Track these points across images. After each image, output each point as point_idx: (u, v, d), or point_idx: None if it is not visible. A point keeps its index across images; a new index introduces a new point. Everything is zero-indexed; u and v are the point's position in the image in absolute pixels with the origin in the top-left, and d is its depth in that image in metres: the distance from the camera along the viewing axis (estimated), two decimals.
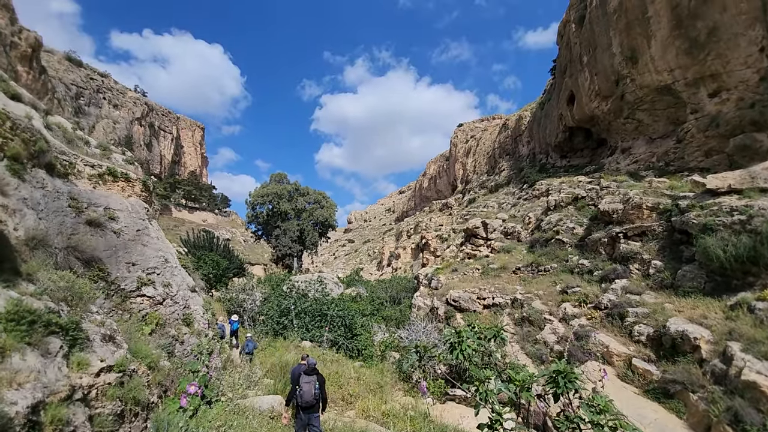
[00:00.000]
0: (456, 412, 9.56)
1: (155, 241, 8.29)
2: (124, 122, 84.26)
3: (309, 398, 4.97)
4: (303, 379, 5.12)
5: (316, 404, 5.10)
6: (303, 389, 4.99)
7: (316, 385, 5.12)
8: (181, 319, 7.40)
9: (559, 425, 2.97)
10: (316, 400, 5.07)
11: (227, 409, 5.16)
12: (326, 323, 15.77)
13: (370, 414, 7.63)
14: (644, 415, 8.57)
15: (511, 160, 56.89)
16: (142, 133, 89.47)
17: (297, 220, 55.85)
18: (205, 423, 4.64)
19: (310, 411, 5.05)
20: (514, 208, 32.38)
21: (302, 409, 5.02)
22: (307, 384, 5.05)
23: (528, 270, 20.97)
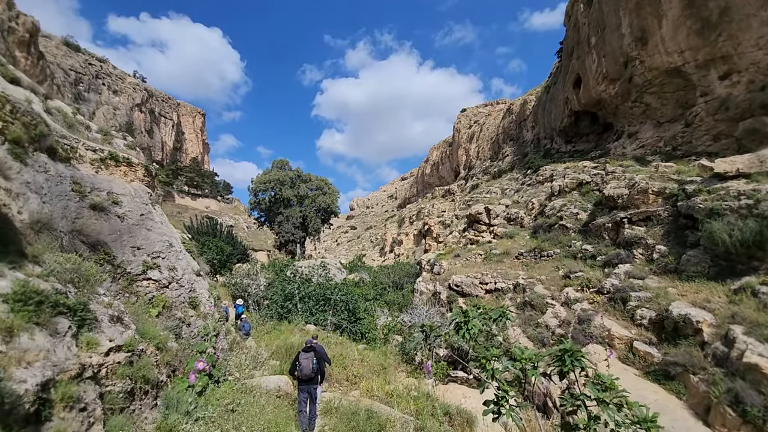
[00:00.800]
0: (458, 393, 9.74)
1: (159, 226, 8.31)
2: (125, 108, 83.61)
3: (308, 372, 5.52)
4: (301, 355, 5.72)
5: (314, 377, 5.61)
6: (302, 364, 5.58)
7: (314, 360, 5.64)
8: (187, 302, 7.48)
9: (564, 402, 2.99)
10: (315, 373, 5.58)
11: (234, 388, 5.26)
12: (330, 307, 15.96)
13: (374, 394, 7.78)
14: (644, 396, 8.69)
15: (515, 146, 56.24)
16: (142, 119, 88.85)
17: (299, 206, 55.93)
18: (213, 401, 4.74)
19: (309, 383, 5.59)
20: (518, 193, 32.17)
21: (303, 381, 5.57)
22: (305, 360, 5.63)
23: (531, 255, 20.99)
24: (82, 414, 3.04)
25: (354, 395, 7.70)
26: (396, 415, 5.58)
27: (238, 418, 4.25)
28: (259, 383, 5.95)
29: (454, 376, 12.81)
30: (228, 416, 4.39)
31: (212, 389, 5.13)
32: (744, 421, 6.59)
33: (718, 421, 7.10)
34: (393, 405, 7.25)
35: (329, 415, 5.81)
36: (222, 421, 4.05)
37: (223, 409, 4.56)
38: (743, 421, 6.61)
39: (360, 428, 4.53)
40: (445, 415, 7.37)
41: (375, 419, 4.89)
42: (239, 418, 4.20)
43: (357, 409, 5.50)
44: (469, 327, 3.17)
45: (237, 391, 5.19)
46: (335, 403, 6.13)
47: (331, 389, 8.11)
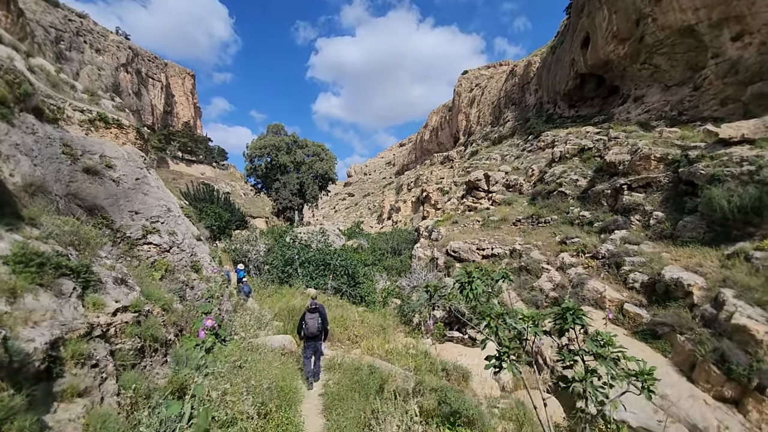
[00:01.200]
0: (454, 351, 10.19)
1: (156, 190, 8.17)
2: (109, 69, 79.64)
3: (313, 330, 6.03)
4: (307, 315, 6.23)
5: (319, 335, 6.13)
6: (308, 323, 6.08)
7: (318, 320, 6.14)
8: (189, 266, 7.54)
9: (562, 357, 3.10)
10: (319, 331, 6.09)
11: (241, 346, 5.43)
12: (330, 272, 16.24)
13: (374, 352, 8.11)
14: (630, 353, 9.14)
15: (517, 110, 54.78)
16: (129, 80, 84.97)
17: (296, 173, 55.24)
18: (221, 358, 4.90)
19: (315, 339, 6.09)
20: (518, 160, 31.81)
21: (308, 338, 6.06)
22: (311, 319, 6.12)
23: (528, 222, 21.15)
24: (94, 370, 3.12)
25: (355, 353, 8.02)
26: (397, 371, 5.85)
27: (246, 373, 4.42)
28: (264, 342, 6.15)
29: (450, 336, 13.36)
30: (236, 372, 4.55)
31: (219, 348, 5.28)
32: (728, 378, 6.97)
33: (702, 378, 7.51)
34: (393, 362, 7.58)
35: (333, 370, 6.08)
36: (231, 375, 4.21)
37: (231, 365, 4.72)
38: (727, 378, 7.00)
39: (363, 382, 4.75)
40: (443, 370, 7.74)
41: (377, 374, 5.12)
42: (247, 373, 4.37)
43: (360, 365, 5.75)
44: (473, 287, 3.20)
45: (243, 350, 5.36)
46: (338, 360, 6.39)
47: (333, 348, 8.44)
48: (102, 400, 3.01)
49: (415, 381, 5.18)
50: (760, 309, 7.53)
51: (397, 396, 4.24)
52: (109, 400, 3.08)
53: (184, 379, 3.94)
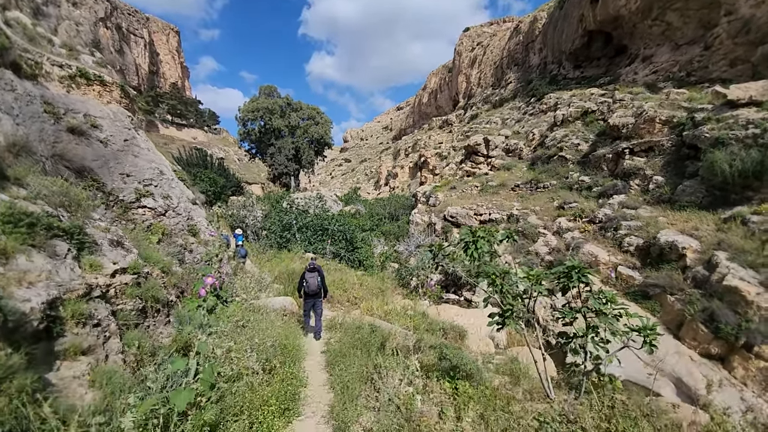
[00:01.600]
0: (451, 312, 10.48)
1: (146, 152, 7.88)
2: (88, 24, 74.38)
3: (313, 288, 6.35)
4: (307, 275, 6.51)
5: (318, 292, 6.45)
6: (308, 281, 6.39)
7: (318, 278, 6.46)
8: (186, 229, 7.46)
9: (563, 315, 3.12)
10: (319, 289, 6.41)
11: (243, 307, 5.49)
12: (328, 237, 16.32)
13: (374, 312, 8.30)
14: None
15: (520, 71, 52.67)
16: (109, 36, 79.75)
17: (291, 137, 53.86)
18: (224, 318, 4.96)
19: (314, 297, 6.43)
20: (519, 124, 31.06)
21: (308, 296, 6.41)
22: (311, 278, 6.43)
23: (527, 187, 21.05)
24: (96, 329, 3.12)
25: (355, 314, 8.21)
26: (397, 329, 6.00)
27: (249, 332, 4.49)
28: (265, 304, 6.24)
29: (447, 298, 13.73)
30: (240, 331, 4.62)
31: (222, 308, 5.35)
32: (716, 336, 7.25)
33: (689, 336, 7.82)
34: (392, 322, 7.79)
35: (334, 329, 6.24)
36: (234, 334, 4.27)
37: (234, 325, 4.79)
38: (714, 336, 7.28)
39: (364, 340, 4.88)
40: (441, 330, 7.98)
41: (378, 332, 5.25)
42: (250, 332, 4.43)
43: (361, 324, 5.88)
44: (477, 246, 3.14)
45: (245, 311, 5.43)
46: (339, 320, 6.54)
47: (333, 309, 8.63)
48: (107, 358, 3.03)
49: (415, 339, 5.31)
50: (753, 271, 7.69)
51: (398, 353, 4.35)
52: (114, 357, 3.10)
53: (188, 337, 3.99)
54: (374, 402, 3.17)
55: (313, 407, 3.51)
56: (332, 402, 3.48)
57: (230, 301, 5.97)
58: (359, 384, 3.60)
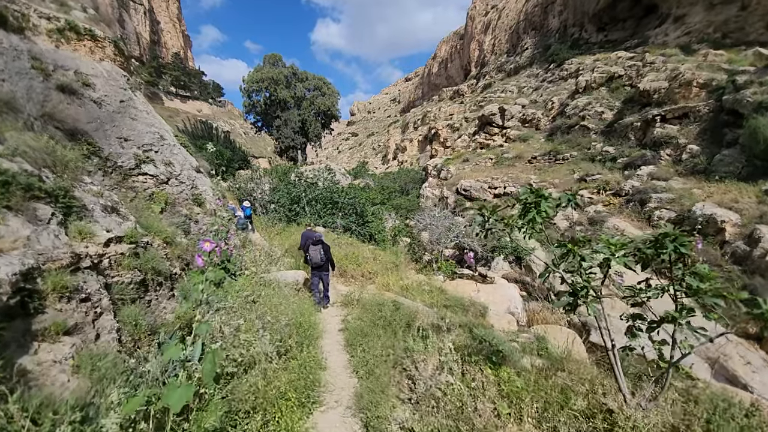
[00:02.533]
0: (468, 287, 10.06)
1: (145, 116, 7.29)
2: None
3: (317, 261, 6.24)
4: (311, 248, 6.40)
5: (324, 265, 6.35)
6: (311, 255, 6.30)
7: (321, 251, 6.32)
8: (190, 198, 6.99)
9: (636, 292, 2.58)
10: (323, 262, 6.30)
11: (252, 281, 5.08)
12: (338, 210, 15.84)
13: (390, 288, 7.91)
14: None
15: (537, 36, 49.63)
16: (108, 4, 76.97)
17: (297, 109, 52.48)
18: (232, 292, 4.56)
19: (320, 270, 6.35)
20: (536, 92, 29.41)
21: (314, 269, 6.36)
22: (314, 251, 6.32)
23: (545, 159, 20.07)
24: (84, 305, 2.68)
25: (371, 289, 7.82)
26: (419, 306, 5.59)
27: (261, 308, 4.07)
28: (276, 278, 5.84)
29: (460, 273, 13.33)
30: (250, 307, 4.21)
31: (230, 282, 4.94)
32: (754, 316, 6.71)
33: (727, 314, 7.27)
34: (410, 298, 7.39)
35: (350, 306, 5.84)
36: (244, 311, 3.85)
37: (243, 300, 4.38)
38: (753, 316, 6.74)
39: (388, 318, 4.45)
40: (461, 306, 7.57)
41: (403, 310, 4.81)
42: (262, 309, 4.01)
43: (381, 300, 5.45)
44: (541, 208, 2.56)
45: (255, 284, 5.02)
46: (356, 296, 6.13)
47: (347, 284, 8.25)
48: (97, 338, 2.61)
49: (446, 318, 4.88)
50: None
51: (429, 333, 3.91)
52: (107, 337, 2.69)
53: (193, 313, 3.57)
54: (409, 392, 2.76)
55: (335, 395, 3.11)
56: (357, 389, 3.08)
57: (239, 274, 5.57)
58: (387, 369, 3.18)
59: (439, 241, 12.39)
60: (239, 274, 5.47)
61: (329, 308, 6.35)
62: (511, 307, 9.66)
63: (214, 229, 5.48)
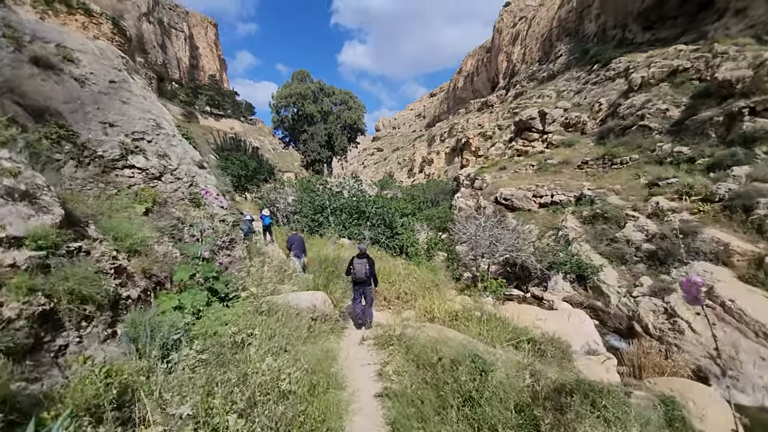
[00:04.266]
0: (529, 314, 8.01)
1: (141, 101, 6.11)
2: (132, 19, 77.11)
3: (361, 275, 5.79)
4: (356, 261, 5.90)
5: (367, 280, 5.87)
6: (356, 269, 5.84)
7: (366, 266, 5.86)
8: (187, 198, 5.63)
9: None
10: (367, 276, 5.85)
11: (249, 309, 3.48)
12: (364, 221, 14.29)
13: (433, 315, 6.09)
14: None
15: (572, 42, 47.24)
16: (152, 31, 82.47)
17: (324, 123, 52.63)
18: (213, 328, 2.97)
19: (363, 285, 5.88)
20: (579, 95, 27.05)
21: (357, 283, 5.88)
22: (359, 265, 5.86)
23: (599, 163, 17.69)
24: None
25: (409, 316, 6.04)
26: (480, 346, 3.78)
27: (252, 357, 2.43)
28: (287, 301, 4.24)
29: (509, 294, 11.24)
30: (235, 354, 2.58)
31: (216, 311, 3.37)
32: None
33: None
34: (462, 330, 5.53)
35: (389, 346, 4.08)
36: (218, 368, 2.21)
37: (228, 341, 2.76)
38: None
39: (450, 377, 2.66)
40: (529, 342, 5.61)
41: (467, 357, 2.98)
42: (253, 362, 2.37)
43: (433, 342, 3.66)
44: None
45: (252, 313, 3.41)
46: (395, 331, 4.36)
47: (379, 308, 6.53)
48: None
49: (530, 371, 3.01)
50: None
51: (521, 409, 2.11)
52: None
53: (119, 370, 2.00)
54: None
55: None
56: None
57: (233, 297, 4.01)
58: None
59: (484, 256, 10.43)
60: (234, 296, 3.91)
61: (363, 345, 4.63)
62: (590, 342, 7.51)
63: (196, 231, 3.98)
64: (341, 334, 4.60)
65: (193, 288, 3.43)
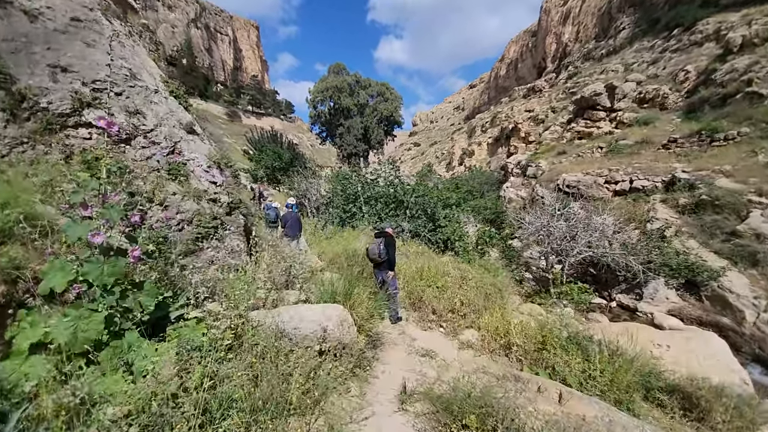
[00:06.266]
0: (640, 335, 5.66)
1: (115, 47, 4.72)
2: (181, 25, 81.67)
3: (373, 255, 5.25)
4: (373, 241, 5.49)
5: (382, 263, 5.27)
6: (370, 247, 5.40)
7: (381, 245, 5.26)
8: (164, 169, 4.15)
9: None
10: (382, 258, 5.23)
11: (196, 343, 1.77)
12: (402, 211, 12.44)
13: (509, 339, 4.09)
14: None
15: (638, 13, 41.62)
16: (200, 36, 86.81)
17: (360, 117, 51.52)
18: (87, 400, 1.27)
19: (378, 267, 5.34)
20: (654, 65, 22.96)
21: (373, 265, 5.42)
22: (374, 244, 5.35)
23: (693, 141, 14.29)
24: None
25: (471, 340, 4.10)
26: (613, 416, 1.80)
27: None
28: (277, 322, 2.53)
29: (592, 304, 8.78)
30: None
31: (140, 348, 1.71)
32: None
33: None
34: (560, 372, 3.49)
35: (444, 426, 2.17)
36: None
37: None
38: None
39: None
40: (672, 392, 3.42)
41: None
42: None
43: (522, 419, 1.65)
44: None
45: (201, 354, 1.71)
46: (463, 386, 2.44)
47: (425, 326, 4.63)
48: None
49: None
50: None
51: None
52: None
53: None
54: None
55: None
56: None
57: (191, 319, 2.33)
58: None
59: (560, 253, 8.10)
60: (191, 318, 2.25)
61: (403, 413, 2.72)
62: (737, 381, 5.08)
63: (80, 197, 2.31)
64: (367, 378, 2.78)
65: (79, 306, 1.78)
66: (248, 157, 29.18)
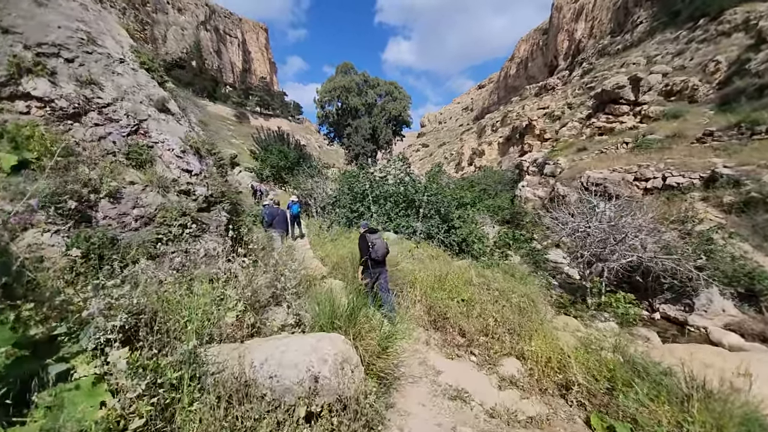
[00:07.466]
0: (707, 358, 4.61)
1: (75, 7, 3.91)
2: (191, 28, 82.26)
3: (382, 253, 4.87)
4: (371, 237, 5.07)
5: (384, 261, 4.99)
6: (375, 244, 4.94)
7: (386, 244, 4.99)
8: (121, 151, 3.30)
9: None
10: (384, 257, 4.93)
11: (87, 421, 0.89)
12: (414, 211, 11.51)
13: (567, 375, 3.10)
14: None
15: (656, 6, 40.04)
16: (209, 39, 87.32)
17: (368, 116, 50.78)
18: None
19: (380, 266, 4.95)
20: (680, 57, 21.63)
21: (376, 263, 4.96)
22: (378, 240, 4.98)
23: (732, 134, 13.05)
24: None
25: (513, 374, 3.13)
26: None
27: None
28: (245, 367, 1.62)
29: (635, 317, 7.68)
30: None
31: None
32: None
33: None
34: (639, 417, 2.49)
35: None
36: None
37: None
38: None
39: None
40: None
41: None
42: None
43: None
44: None
45: None
46: None
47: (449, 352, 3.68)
48: None
49: None
50: None
51: None
52: None
53: None
54: None
55: None
56: None
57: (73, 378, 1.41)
58: None
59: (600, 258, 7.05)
60: (73, 376, 1.37)
61: None
62: None
63: None
64: None
65: None
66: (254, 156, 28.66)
